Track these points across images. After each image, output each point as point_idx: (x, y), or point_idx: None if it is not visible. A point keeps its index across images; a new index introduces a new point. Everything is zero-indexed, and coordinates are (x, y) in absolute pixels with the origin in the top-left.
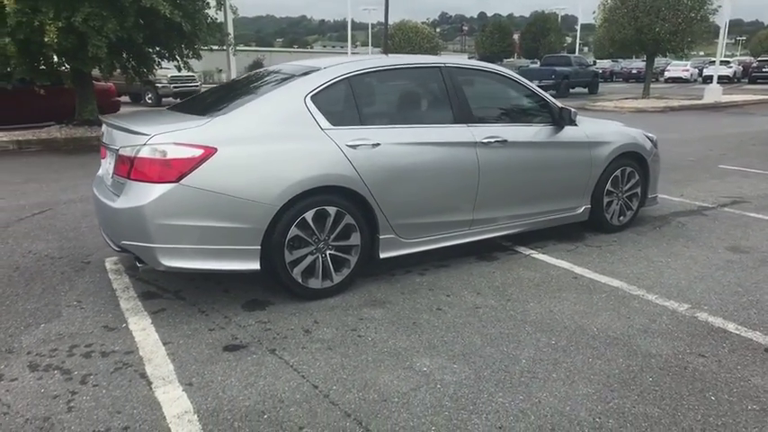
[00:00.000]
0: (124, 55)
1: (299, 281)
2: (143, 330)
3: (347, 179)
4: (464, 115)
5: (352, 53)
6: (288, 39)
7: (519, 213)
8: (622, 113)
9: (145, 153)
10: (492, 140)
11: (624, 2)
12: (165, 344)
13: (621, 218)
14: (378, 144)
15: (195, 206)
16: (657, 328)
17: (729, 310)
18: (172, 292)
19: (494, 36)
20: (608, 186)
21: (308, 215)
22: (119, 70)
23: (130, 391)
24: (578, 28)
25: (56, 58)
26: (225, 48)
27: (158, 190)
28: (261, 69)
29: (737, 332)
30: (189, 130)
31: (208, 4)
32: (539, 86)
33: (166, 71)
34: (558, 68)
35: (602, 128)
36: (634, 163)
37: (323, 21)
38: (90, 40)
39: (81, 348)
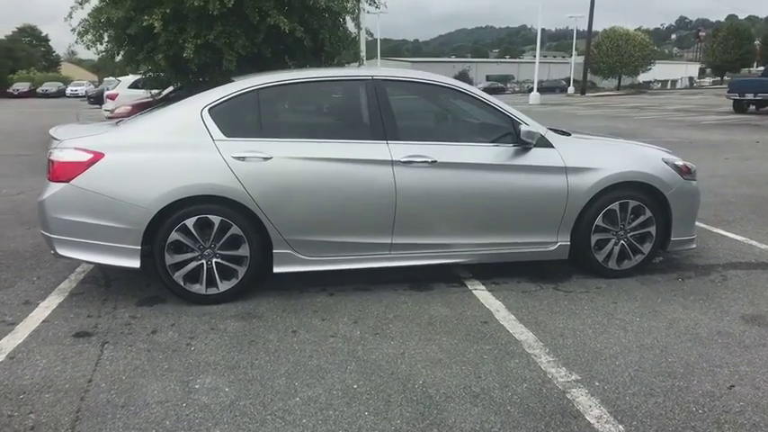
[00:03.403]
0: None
1: (181, 284)
2: (45, 308)
3: (229, 190)
4: (385, 131)
5: (529, 62)
6: (503, 49)
7: (462, 243)
8: None
9: (53, 156)
10: (414, 160)
11: None
12: (43, 321)
13: (626, 261)
14: (270, 157)
15: (81, 204)
16: (495, 396)
17: (626, 393)
18: (107, 280)
19: (727, 42)
20: (598, 222)
21: (190, 222)
22: None
23: None
24: None
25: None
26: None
27: (55, 188)
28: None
29: (594, 421)
30: (90, 138)
31: (342, 20)
32: (753, 100)
33: None
34: None
35: (591, 150)
36: (643, 196)
37: (543, 30)
38: (224, 56)
39: None
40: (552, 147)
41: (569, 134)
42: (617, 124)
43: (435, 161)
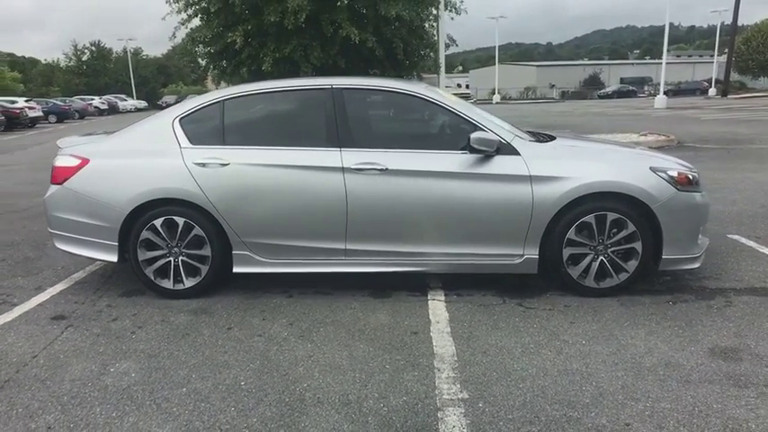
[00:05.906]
0: None
1: (152, 278)
2: (48, 293)
3: (190, 194)
4: (339, 138)
5: (669, 63)
6: (643, 49)
7: (417, 251)
8: None
9: (54, 162)
10: (365, 167)
11: None
12: (38, 305)
13: (608, 279)
14: (227, 164)
15: (71, 204)
16: (365, 406)
17: (504, 418)
18: (111, 271)
19: None
20: (570, 235)
21: (158, 222)
22: None
23: None
24: None
25: None
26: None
27: (52, 189)
28: None
29: None
30: (84, 146)
31: (422, 28)
32: None
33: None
34: None
35: (563, 158)
36: (624, 208)
37: (692, 27)
38: (300, 68)
39: (1, 297)
40: (518, 154)
41: (553, 138)
42: (739, 129)
43: (386, 168)
